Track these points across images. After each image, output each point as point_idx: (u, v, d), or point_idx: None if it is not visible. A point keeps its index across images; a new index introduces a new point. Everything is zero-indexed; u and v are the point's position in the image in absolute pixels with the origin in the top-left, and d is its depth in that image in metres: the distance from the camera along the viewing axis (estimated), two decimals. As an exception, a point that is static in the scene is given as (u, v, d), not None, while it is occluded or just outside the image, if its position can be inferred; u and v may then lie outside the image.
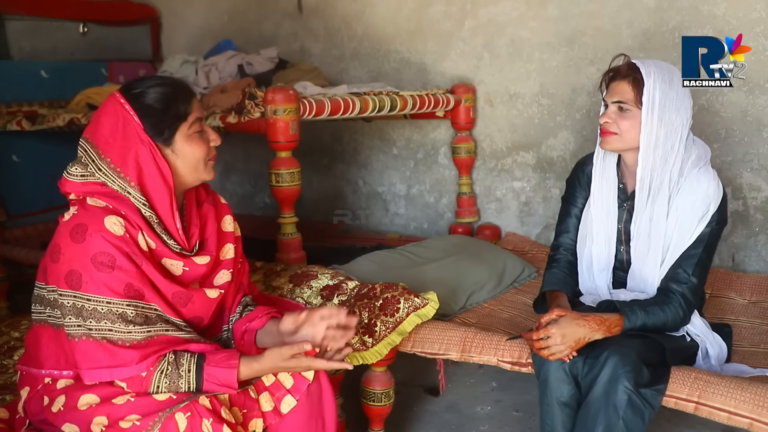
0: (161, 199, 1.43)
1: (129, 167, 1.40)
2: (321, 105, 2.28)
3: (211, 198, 1.63)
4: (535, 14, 2.87)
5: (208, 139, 1.50)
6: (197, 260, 1.50)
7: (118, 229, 1.37)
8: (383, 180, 3.51)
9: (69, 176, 1.44)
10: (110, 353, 1.35)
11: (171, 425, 1.30)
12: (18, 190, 3.40)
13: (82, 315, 1.34)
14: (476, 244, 2.73)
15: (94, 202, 1.41)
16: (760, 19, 2.41)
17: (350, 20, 3.43)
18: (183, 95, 1.46)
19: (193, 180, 1.50)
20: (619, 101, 1.69)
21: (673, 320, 1.66)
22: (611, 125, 1.71)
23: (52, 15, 3.65)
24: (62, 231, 1.39)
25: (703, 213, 1.67)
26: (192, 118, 1.46)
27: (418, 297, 1.94)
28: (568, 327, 1.57)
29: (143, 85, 1.45)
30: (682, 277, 1.68)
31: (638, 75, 1.66)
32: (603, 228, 1.83)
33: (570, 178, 1.94)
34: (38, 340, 1.48)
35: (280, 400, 1.49)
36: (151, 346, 1.38)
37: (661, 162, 1.68)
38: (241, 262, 1.67)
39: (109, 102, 1.44)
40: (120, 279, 1.36)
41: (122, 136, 1.40)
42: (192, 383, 1.38)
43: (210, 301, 1.53)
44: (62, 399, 1.41)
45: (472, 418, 2.32)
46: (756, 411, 1.46)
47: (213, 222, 1.59)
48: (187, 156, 1.46)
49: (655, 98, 1.64)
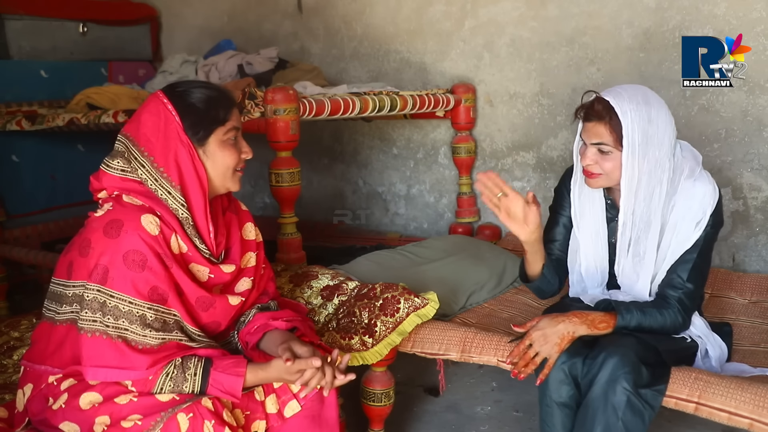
0: (197, 201, 1.44)
1: (171, 167, 1.41)
2: (321, 105, 2.28)
3: (232, 206, 1.64)
4: (535, 14, 2.87)
5: (240, 150, 1.51)
6: (224, 268, 1.51)
7: (154, 229, 1.37)
8: (383, 180, 3.51)
9: (109, 169, 1.43)
10: (121, 354, 1.34)
11: (173, 426, 1.29)
12: (18, 190, 3.39)
13: (102, 310, 1.33)
14: (476, 244, 2.73)
15: (131, 199, 1.41)
16: (760, 19, 2.41)
17: (350, 20, 3.43)
18: (225, 102, 1.48)
19: (220, 187, 1.51)
20: (599, 143, 1.63)
21: (672, 324, 1.65)
22: (594, 167, 1.65)
23: (52, 15, 3.64)
24: (94, 226, 1.38)
25: (700, 218, 1.65)
26: (229, 125, 1.47)
27: (418, 297, 1.94)
28: (547, 326, 1.58)
29: (189, 85, 1.47)
30: (677, 282, 1.66)
31: (614, 115, 1.59)
32: (592, 247, 1.79)
33: (558, 186, 1.91)
34: (48, 338, 1.47)
35: (285, 403, 1.49)
36: (163, 351, 1.37)
37: (645, 201, 1.64)
38: (263, 268, 1.68)
39: (151, 100, 1.45)
40: (147, 280, 1.36)
41: (164, 136, 1.41)
42: (197, 386, 1.38)
43: (231, 307, 1.54)
44: (65, 397, 1.40)
45: (472, 418, 2.32)
46: (756, 411, 1.46)
47: (236, 230, 1.60)
48: (218, 161, 1.46)
49: (635, 140, 1.58)
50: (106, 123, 2.60)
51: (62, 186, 3.48)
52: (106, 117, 2.61)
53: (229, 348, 1.59)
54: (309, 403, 1.51)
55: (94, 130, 2.78)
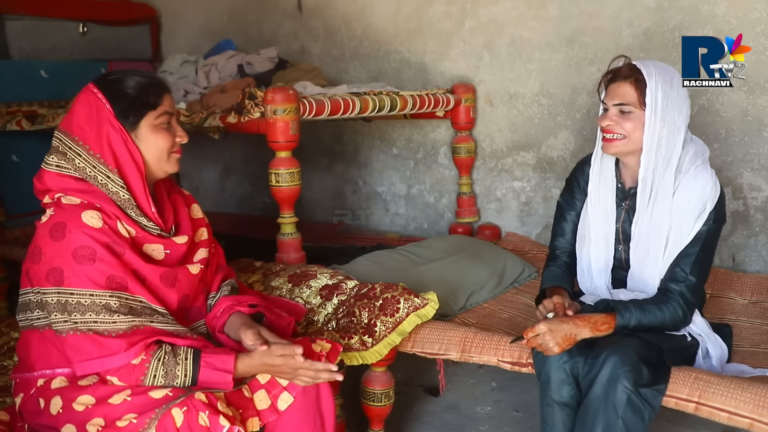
0: (135, 182, 1.48)
1: (106, 152, 1.45)
2: (321, 105, 2.28)
3: (176, 189, 1.70)
4: (535, 14, 2.87)
5: (174, 134, 1.55)
6: (177, 240, 1.56)
7: (96, 222, 1.41)
8: (383, 180, 3.51)
9: (47, 166, 1.47)
10: (98, 344, 1.37)
11: (168, 421, 1.30)
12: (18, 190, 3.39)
13: (67, 309, 1.37)
14: (476, 244, 2.73)
15: (69, 200, 1.44)
16: (760, 19, 2.41)
17: (350, 20, 3.43)
18: (156, 88, 1.51)
19: (157, 170, 1.54)
20: (621, 103, 1.68)
21: (672, 319, 1.66)
22: (615, 127, 1.69)
23: (52, 15, 3.65)
24: (41, 232, 1.43)
25: (700, 211, 1.67)
26: (161, 110, 1.51)
27: (418, 297, 1.94)
28: (554, 324, 1.60)
29: (120, 74, 1.51)
30: (680, 276, 1.68)
31: (640, 76, 1.66)
32: (602, 228, 1.82)
33: (569, 177, 1.94)
34: (28, 345, 1.51)
35: (277, 397, 1.50)
36: (137, 335, 1.40)
37: (664, 162, 1.68)
38: (214, 246, 1.73)
39: (82, 93, 1.49)
40: (101, 271, 1.39)
41: (96, 123, 1.45)
42: (189, 370, 1.40)
43: (193, 276, 1.58)
44: (59, 400, 1.42)
45: (472, 418, 2.32)
46: (756, 411, 1.46)
47: (183, 208, 1.66)
48: (150, 144, 1.50)
49: (658, 99, 1.64)
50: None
51: (62, 186, 3.48)
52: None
53: (198, 333, 1.61)
54: (303, 395, 1.52)
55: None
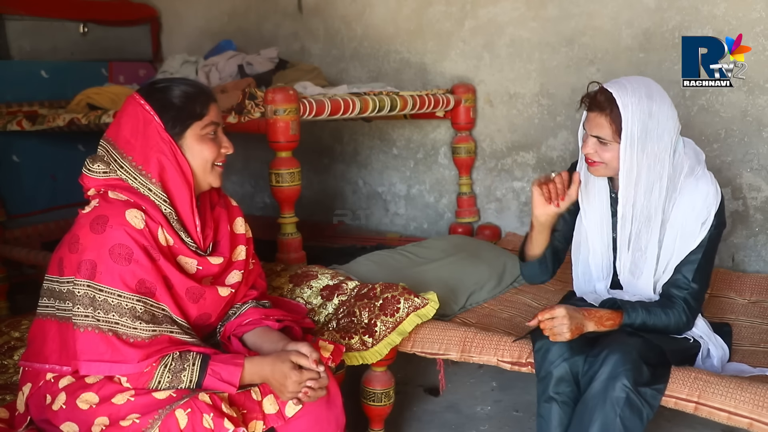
0: (181, 195, 1.47)
1: (151, 165, 1.44)
2: (321, 105, 2.28)
3: (222, 201, 1.67)
4: (535, 14, 2.87)
5: (220, 144, 1.53)
6: (211, 260, 1.53)
7: (139, 223, 1.40)
8: (383, 180, 3.51)
9: (90, 173, 1.46)
10: (113, 347, 1.36)
11: (171, 422, 1.30)
12: (18, 190, 3.39)
13: (93, 305, 1.36)
14: (476, 244, 2.73)
15: (116, 195, 1.43)
16: (760, 19, 2.41)
17: (350, 20, 3.43)
18: (203, 98, 1.50)
19: (202, 181, 1.53)
20: (597, 136, 1.65)
21: (676, 324, 1.66)
22: (594, 155, 1.68)
23: (52, 15, 3.65)
24: (82, 222, 1.41)
25: (705, 218, 1.65)
26: (207, 120, 1.49)
27: (418, 297, 1.94)
28: (568, 311, 1.60)
29: (166, 82, 1.49)
30: (682, 282, 1.68)
31: (614, 107, 1.60)
32: (599, 237, 1.80)
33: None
34: (44, 334, 1.48)
35: (285, 403, 1.49)
36: (155, 345, 1.39)
37: (646, 195, 1.65)
38: (252, 263, 1.70)
39: (128, 103, 1.48)
40: (134, 273, 1.38)
41: (143, 136, 1.44)
42: (195, 376, 1.39)
43: (221, 298, 1.56)
44: (63, 397, 1.41)
45: (472, 418, 2.32)
46: (756, 411, 1.46)
47: (225, 224, 1.63)
48: (196, 155, 1.49)
49: (634, 133, 1.59)
50: (107, 123, 2.60)
51: (62, 186, 3.48)
52: (107, 117, 2.62)
53: (212, 342, 1.60)
54: (312, 403, 1.51)
55: (94, 130, 2.77)
